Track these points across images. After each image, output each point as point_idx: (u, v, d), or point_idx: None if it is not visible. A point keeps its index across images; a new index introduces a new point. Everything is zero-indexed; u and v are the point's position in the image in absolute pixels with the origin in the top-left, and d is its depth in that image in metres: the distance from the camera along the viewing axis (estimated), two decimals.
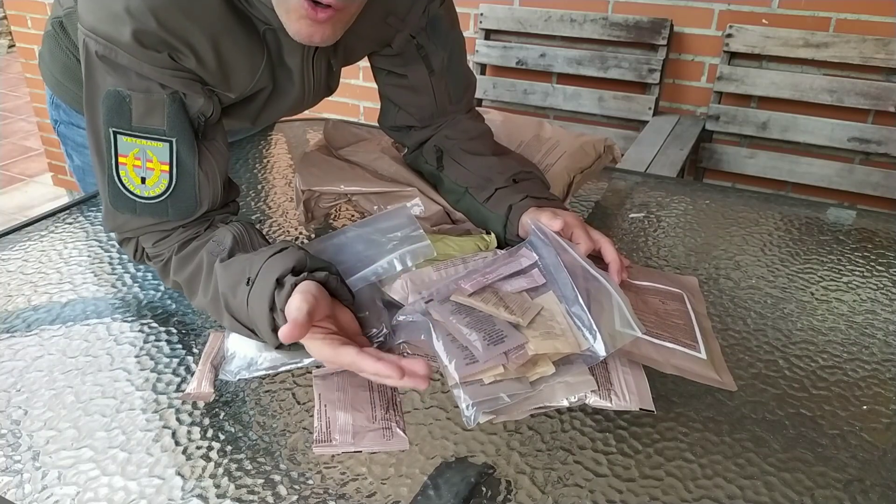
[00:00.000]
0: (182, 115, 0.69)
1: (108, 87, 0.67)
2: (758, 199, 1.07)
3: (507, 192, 0.83)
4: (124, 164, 0.70)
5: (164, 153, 0.69)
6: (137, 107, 0.68)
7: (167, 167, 0.70)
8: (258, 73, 0.76)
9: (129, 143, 0.69)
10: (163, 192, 0.71)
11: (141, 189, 0.70)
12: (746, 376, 0.68)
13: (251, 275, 0.65)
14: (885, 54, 1.78)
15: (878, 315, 0.78)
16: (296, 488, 0.56)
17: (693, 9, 1.98)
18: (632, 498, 0.55)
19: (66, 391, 0.66)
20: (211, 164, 0.73)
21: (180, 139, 0.69)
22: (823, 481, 0.57)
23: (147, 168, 0.70)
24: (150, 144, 0.69)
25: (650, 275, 0.81)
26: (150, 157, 0.69)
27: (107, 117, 0.68)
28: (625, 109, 2.11)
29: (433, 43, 0.87)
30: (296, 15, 0.65)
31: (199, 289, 0.71)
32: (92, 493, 0.55)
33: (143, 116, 0.68)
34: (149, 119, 0.68)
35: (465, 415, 0.60)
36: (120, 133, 0.68)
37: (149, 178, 0.70)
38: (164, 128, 0.69)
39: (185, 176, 0.71)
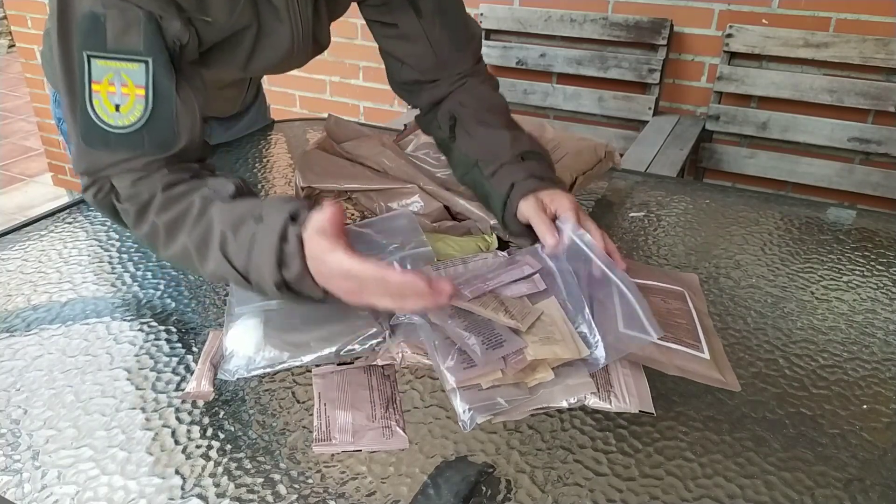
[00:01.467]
0: (158, 36, 0.68)
1: (83, 10, 0.66)
2: (758, 198, 1.07)
3: (512, 169, 0.81)
4: (98, 91, 0.67)
5: (140, 75, 0.67)
6: (113, 25, 0.66)
7: (143, 91, 0.67)
8: (238, 5, 0.75)
9: (104, 66, 0.67)
10: (138, 119, 0.68)
11: (115, 118, 0.68)
12: (746, 375, 0.68)
13: (261, 211, 0.64)
14: (885, 54, 1.78)
15: (879, 314, 0.78)
16: (295, 487, 0.56)
17: (693, 9, 1.98)
18: (632, 497, 0.55)
19: (65, 390, 0.66)
20: (189, 95, 0.71)
21: (157, 60, 0.68)
22: (824, 480, 0.57)
23: (122, 93, 0.67)
24: (126, 66, 0.67)
25: (651, 273, 0.81)
26: (125, 80, 0.67)
27: (81, 41, 0.66)
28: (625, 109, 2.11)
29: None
30: None
31: (184, 230, 0.68)
32: (91, 492, 0.55)
33: (118, 36, 0.66)
34: (125, 38, 0.66)
35: (462, 419, 0.60)
36: (94, 56, 0.67)
37: (123, 104, 0.68)
38: (141, 47, 0.67)
39: (161, 101, 0.68)
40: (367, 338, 0.67)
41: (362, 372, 0.67)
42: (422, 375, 0.67)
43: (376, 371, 0.67)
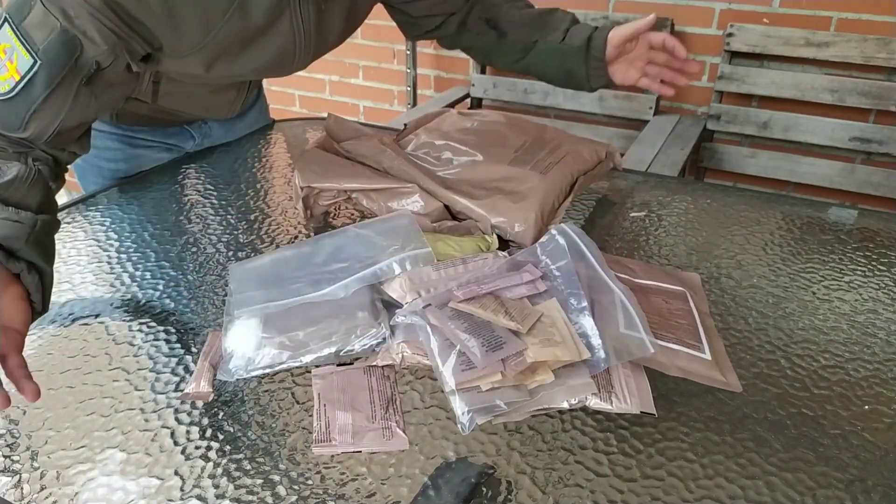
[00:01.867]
0: (63, 53, 0.70)
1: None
2: (759, 198, 1.07)
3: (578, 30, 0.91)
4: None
5: (25, 66, 0.70)
6: (34, 15, 0.69)
7: (18, 77, 0.70)
8: (217, 25, 0.76)
9: (9, 35, 0.69)
10: (2, 92, 0.70)
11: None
12: (748, 376, 0.68)
13: None
14: (887, 54, 1.78)
15: (880, 314, 0.78)
16: (295, 488, 0.55)
17: (694, 8, 1.98)
18: (633, 498, 0.55)
19: (64, 391, 0.65)
20: (63, 107, 0.72)
21: (43, 68, 0.70)
22: (825, 481, 0.57)
23: (5, 65, 0.70)
24: (21, 50, 0.69)
25: (652, 272, 0.81)
26: (14, 59, 0.70)
27: (12, 4, 0.69)
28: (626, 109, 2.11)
29: None
30: None
31: None
32: (90, 493, 0.55)
33: (32, 25, 0.69)
34: (34, 30, 0.69)
35: (461, 421, 0.60)
36: (8, 23, 0.69)
37: (1, 73, 0.70)
38: (39, 48, 0.69)
39: (24, 98, 0.70)
40: (366, 338, 0.67)
41: (362, 373, 0.66)
42: (422, 376, 0.67)
43: (376, 372, 0.66)
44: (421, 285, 0.72)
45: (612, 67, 0.93)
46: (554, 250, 0.74)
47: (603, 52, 0.90)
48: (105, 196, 1.03)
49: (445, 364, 0.62)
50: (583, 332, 0.65)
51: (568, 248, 0.73)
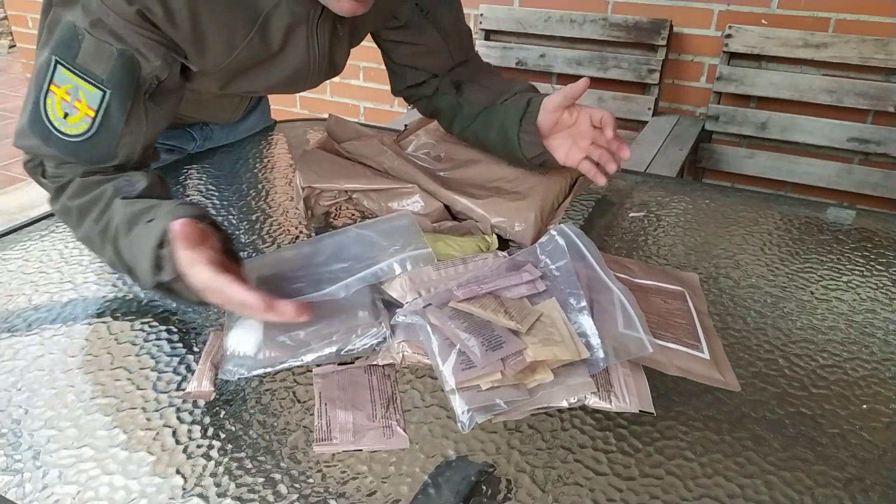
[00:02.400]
0: (127, 74, 0.70)
1: (68, 18, 0.68)
2: (757, 198, 1.07)
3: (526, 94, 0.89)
4: (54, 93, 0.69)
5: (95, 100, 0.70)
6: (87, 48, 0.68)
7: (93, 113, 0.70)
8: (238, 48, 0.76)
9: (67, 76, 0.69)
10: (81, 133, 0.70)
11: (61, 123, 0.70)
12: (746, 375, 0.68)
13: (154, 216, 0.66)
14: (885, 54, 1.79)
15: (878, 314, 0.78)
16: (296, 487, 0.56)
17: (692, 9, 1.98)
18: (632, 496, 0.55)
19: (66, 390, 0.66)
20: (141, 126, 0.73)
21: (115, 94, 0.70)
22: (823, 480, 0.57)
23: (74, 106, 0.70)
24: (86, 86, 0.69)
25: (651, 272, 0.81)
26: (81, 97, 0.69)
27: (56, 45, 0.69)
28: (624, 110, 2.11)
29: (439, 4, 0.89)
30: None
31: (91, 217, 0.71)
32: (92, 492, 0.55)
33: (88, 59, 0.68)
34: (93, 64, 0.69)
35: (461, 420, 0.60)
36: (61, 64, 0.69)
37: (72, 115, 0.70)
38: (104, 78, 0.69)
39: (106, 130, 0.71)
40: (367, 338, 0.67)
41: (363, 372, 0.67)
42: (422, 375, 0.67)
43: (377, 371, 0.67)
44: (421, 285, 0.73)
45: (555, 142, 0.88)
46: (553, 250, 0.74)
47: (535, 117, 0.86)
48: None
49: (445, 363, 0.63)
50: (582, 331, 0.66)
51: (567, 249, 0.74)
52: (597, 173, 0.87)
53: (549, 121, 0.86)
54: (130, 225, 0.67)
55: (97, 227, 0.70)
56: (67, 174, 0.74)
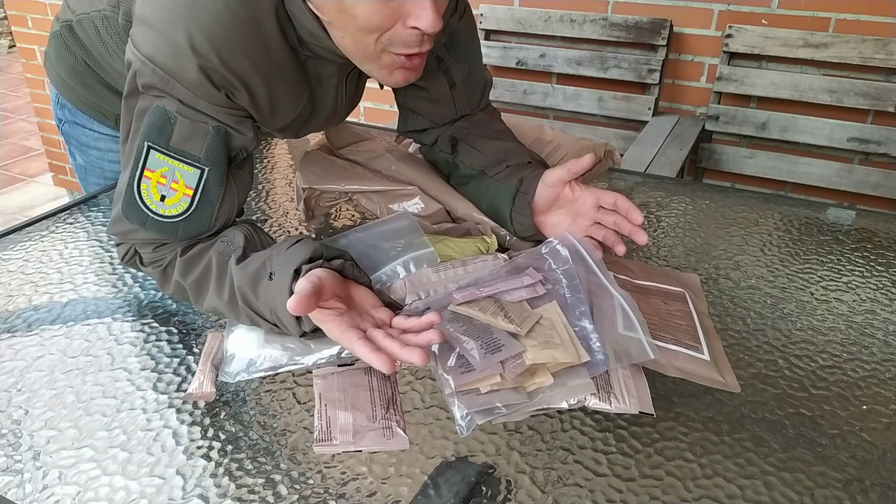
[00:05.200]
0: (222, 148, 0.70)
1: (157, 104, 0.68)
2: (757, 199, 1.07)
3: (520, 168, 0.83)
4: (149, 178, 0.69)
5: (193, 179, 0.69)
6: (180, 130, 0.68)
7: (191, 192, 0.70)
8: (301, 104, 0.77)
9: (161, 160, 0.69)
10: (179, 213, 0.70)
11: (158, 206, 0.70)
12: (746, 376, 0.68)
13: (273, 269, 0.66)
14: (885, 54, 1.78)
15: (878, 315, 0.78)
16: (296, 488, 0.56)
17: (693, 9, 1.98)
18: (632, 497, 0.55)
19: (66, 391, 0.66)
20: (233, 194, 0.73)
21: (213, 170, 0.70)
22: (823, 481, 0.57)
23: (171, 188, 0.70)
24: (182, 167, 0.69)
25: (652, 273, 0.81)
26: (178, 178, 0.69)
27: (147, 130, 0.68)
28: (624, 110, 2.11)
29: (453, 57, 0.87)
30: (390, 68, 0.69)
31: (210, 290, 0.71)
32: (93, 492, 0.55)
33: (183, 140, 0.68)
34: (188, 144, 0.68)
35: (459, 423, 0.60)
36: (154, 149, 0.68)
37: (169, 197, 0.70)
38: (201, 156, 0.69)
39: (206, 205, 0.71)
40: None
41: (363, 373, 0.67)
42: (422, 376, 0.67)
43: (377, 372, 0.67)
44: (420, 287, 0.73)
45: (553, 218, 0.82)
46: (555, 255, 0.74)
47: (530, 195, 0.80)
48: (107, 197, 1.04)
49: (445, 366, 0.63)
50: (583, 335, 0.66)
51: (570, 255, 0.74)
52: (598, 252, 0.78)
53: (547, 195, 0.80)
54: (255, 285, 0.67)
55: (222, 298, 0.70)
56: (167, 255, 0.74)
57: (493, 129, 0.92)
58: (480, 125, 0.92)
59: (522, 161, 0.85)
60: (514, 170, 0.84)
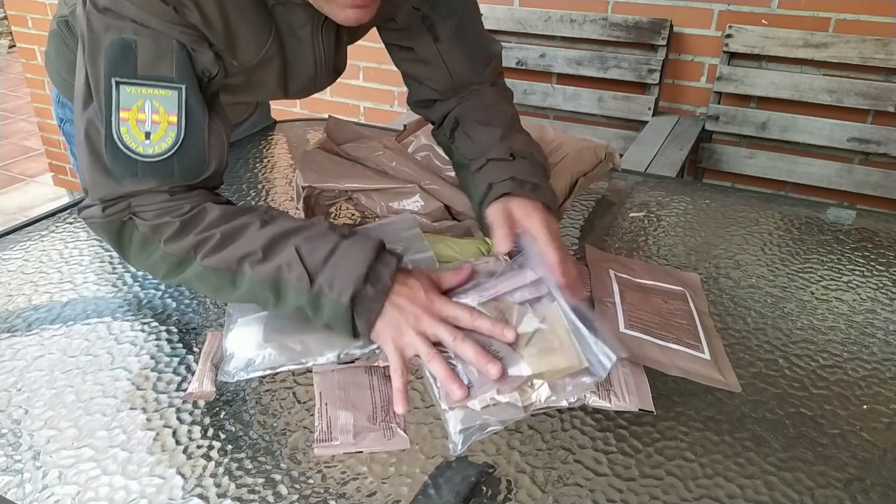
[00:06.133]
0: (190, 65, 0.67)
1: (111, 37, 0.64)
2: (757, 198, 1.07)
3: (497, 167, 0.80)
4: (126, 119, 0.66)
5: (172, 103, 0.66)
6: (144, 53, 0.65)
7: (175, 118, 0.66)
8: (265, 47, 0.75)
9: (134, 93, 0.65)
10: (170, 147, 0.66)
11: (144, 146, 0.66)
12: (747, 375, 0.68)
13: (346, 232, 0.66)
14: (885, 54, 1.78)
15: (879, 314, 0.78)
16: (296, 487, 0.56)
17: (693, 9, 1.98)
18: (632, 497, 0.55)
19: (66, 390, 0.66)
20: (217, 123, 0.70)
21: (190, 87, 0.66)
22: (824, 480, 0.57)
23: (153, 122, 0.66)
24: (157, 93, 0.66)
25: (653, 272, 0.81)
26: (157, 107, 0.66)
27: (109, 68, 0.65)
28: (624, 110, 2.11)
29: (437, 13, 0.85)
30: (342, 6, 0.67)
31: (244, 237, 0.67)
32: (93, 492, 0.55)
33: (150, 63, 0.65)
34: (156, 66, 0.65)
35: (453, 441, 0.58)
36: (123, 83, 0.65)
37: (154, 132, 0.66)
38: (174, 74, 0.65)
39: (194, 128, 0.67)
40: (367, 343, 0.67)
41: (363, 372, 0.67)
42: (422, 376, 0.67)
43: (377, 372, 0.67)
44: None
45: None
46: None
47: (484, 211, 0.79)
48: None
49: (438, 381, 0.62)
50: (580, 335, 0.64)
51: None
52: None
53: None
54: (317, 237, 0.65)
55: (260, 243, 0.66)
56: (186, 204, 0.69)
57: (493, 111, 0.89)
58: (483, 108, 0.89)
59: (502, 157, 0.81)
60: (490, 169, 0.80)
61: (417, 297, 0.65)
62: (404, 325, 0.64)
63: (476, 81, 0.90)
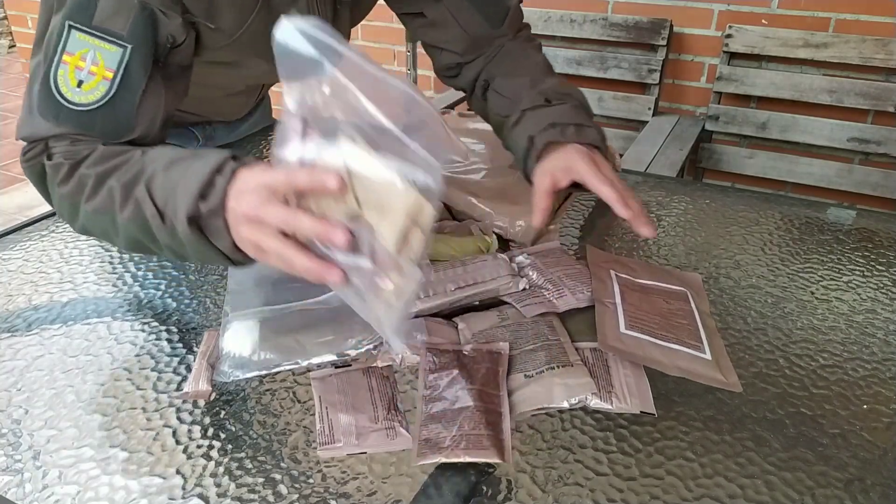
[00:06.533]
0: (148, 30, 0.67)
1: None
2: (758, 198, 1.07)
3: (534, 117, 0.77)
4: (66, 63, 0.66)
5: (114, 59, 0.66)
6: (105, 5, 0.65)
7: (111, 74, 0.66)
8: (250, 17, 0.74)
9: (82, 40, 0.66)
10: (96, 100, 0.66)
11: (74, 93, 0.66)
12: (747, 375, 0.68)
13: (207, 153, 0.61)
14: (885, 54, 1.79)
15: (879, 314, 0.78)
16: (296, 487, 0.56)
17: (693, 9, 1.98)
18: (632, 497, 0.55)
19: (66, 390, 0.66)
20: (159, 94, 0.69)
21: (136, 50, 0.66)
22: (824, 480, 0.57)
23: (89, 72, 0.66)
24: (103, 46, 0.66)
25: (654, 272, 0.81)
26: (98, 60, 0.66)
27: (68, 11, 0.65)
28: (624, 110, 2.12)
29: None
30: None
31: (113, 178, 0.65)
32: (93, 492, 0.55)
33: (106, 16, 0.65)
34: (111, 21, 0.65)
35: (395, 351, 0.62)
36: (76, 28, 0.65)
37: (87, 82, 0.66)
38: (125, 33, 0.66)
39: (126, 90, 0.67)
40: (363, 343, 0.67)
41: (361, 374, 0.66)
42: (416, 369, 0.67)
43: (376, 372, 0.67)
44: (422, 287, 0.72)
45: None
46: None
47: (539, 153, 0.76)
48: None
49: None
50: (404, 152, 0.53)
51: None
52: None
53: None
54: (171, 165, 0.61)
55: (122, 181, 0.63)
56: (84, 150, 0.68)
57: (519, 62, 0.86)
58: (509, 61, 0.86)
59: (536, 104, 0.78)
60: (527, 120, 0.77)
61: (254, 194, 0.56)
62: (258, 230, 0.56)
63: (496, 36, 0.88)
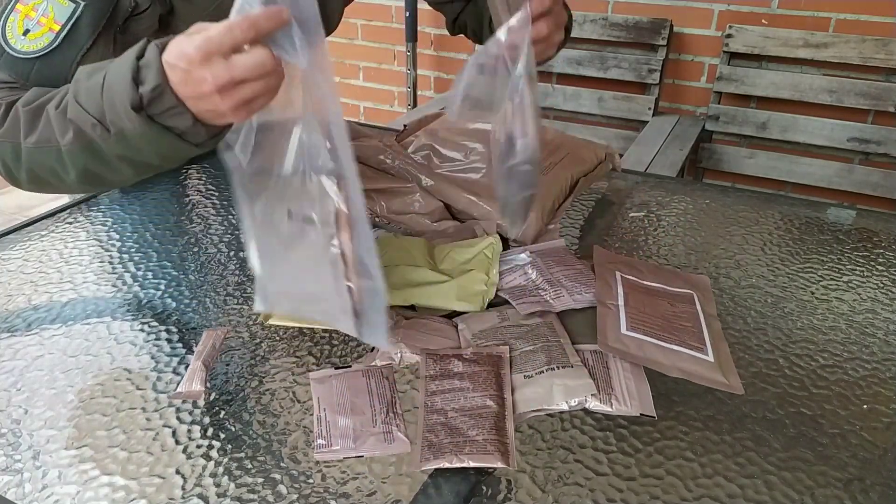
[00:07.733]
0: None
1: None
2: (758, 198, 1.07)
3: None
4: (19, 11, 0.66)
5: (65, 14, 0.66)
6: None
7: (58, 27, 0.66)
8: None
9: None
10: (38, 49, 0.66)
11: (18, 41, 0.66)
12: (747, 375, 0.68)
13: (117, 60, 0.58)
14: (885, 54, 1.79)
15: (879, 314, 0.78)
16: (296, 487, 0.56)
17: (693, 9, 1.98)
18: (632, 497, 0.55)
19: (66, 390, 0.66)
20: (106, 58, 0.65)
21: (88, 9, 0.66)
22: (824, 480, 0.57)
23: (38, 22, 0.66)
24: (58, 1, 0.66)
25: (660, 274, 0.81)
26: (49, 11, 0.66)
27: None
28: (624, 110, 2.11)
29: None
30: None
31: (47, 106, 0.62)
32: (92, 492, 0.55)
33: None
34: None
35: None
36: None
37: (34, 31, 0.66)
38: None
39: (70, 45, 0.67)
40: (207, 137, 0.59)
41: (360, 376, 0.66)
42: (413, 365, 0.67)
43: (375, 374, 0.66)
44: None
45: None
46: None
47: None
48: (107, 196, 1.04)
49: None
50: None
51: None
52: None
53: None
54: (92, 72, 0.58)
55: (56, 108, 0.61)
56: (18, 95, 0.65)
57: None
58: None
59: None
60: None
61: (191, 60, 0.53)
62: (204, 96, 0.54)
63: None
